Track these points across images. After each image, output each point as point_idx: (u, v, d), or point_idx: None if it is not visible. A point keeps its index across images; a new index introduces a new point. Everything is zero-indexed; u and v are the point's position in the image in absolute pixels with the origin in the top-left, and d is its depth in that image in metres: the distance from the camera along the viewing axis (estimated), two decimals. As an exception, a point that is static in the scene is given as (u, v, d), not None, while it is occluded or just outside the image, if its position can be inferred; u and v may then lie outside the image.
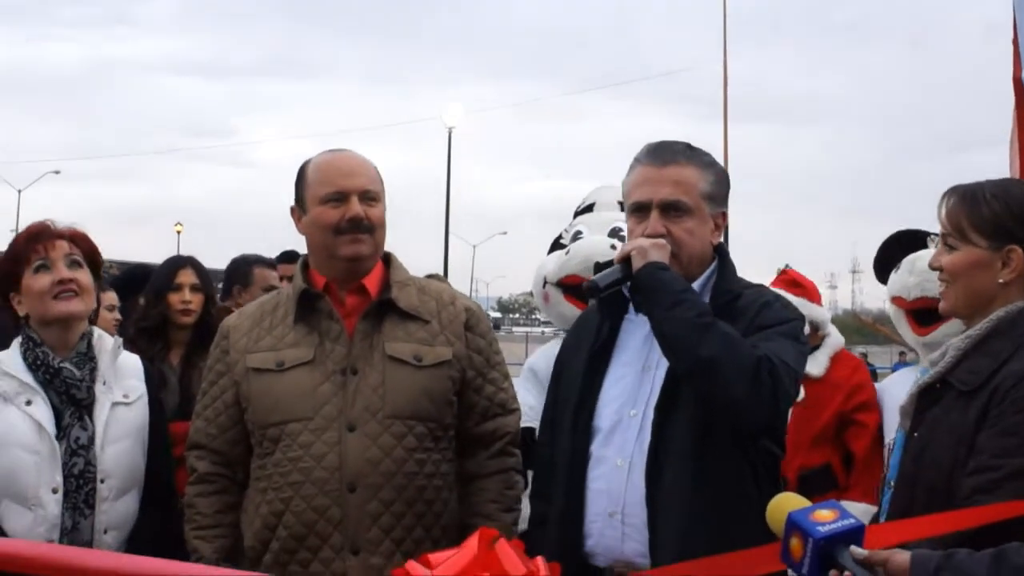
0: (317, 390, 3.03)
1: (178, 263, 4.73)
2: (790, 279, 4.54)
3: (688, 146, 2.98)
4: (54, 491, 3.07)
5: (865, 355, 36.89)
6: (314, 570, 2.98)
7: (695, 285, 2.90)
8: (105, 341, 3.29)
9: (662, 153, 2.94)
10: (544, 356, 4.22)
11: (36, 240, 3.19)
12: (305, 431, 3.00)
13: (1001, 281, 2.58)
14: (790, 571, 2.23)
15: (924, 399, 2.67)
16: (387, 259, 3.24)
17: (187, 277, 4.63)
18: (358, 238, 3.08)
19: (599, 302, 2.99)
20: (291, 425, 3.02)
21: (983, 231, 2.59)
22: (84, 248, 3.26)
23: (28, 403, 3.12)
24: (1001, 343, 2.54)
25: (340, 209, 3.07)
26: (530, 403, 3.96)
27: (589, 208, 4.41)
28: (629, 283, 2.87)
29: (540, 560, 2.51)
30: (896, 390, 4.09)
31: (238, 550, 3.12)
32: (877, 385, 4.25)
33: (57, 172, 50.33)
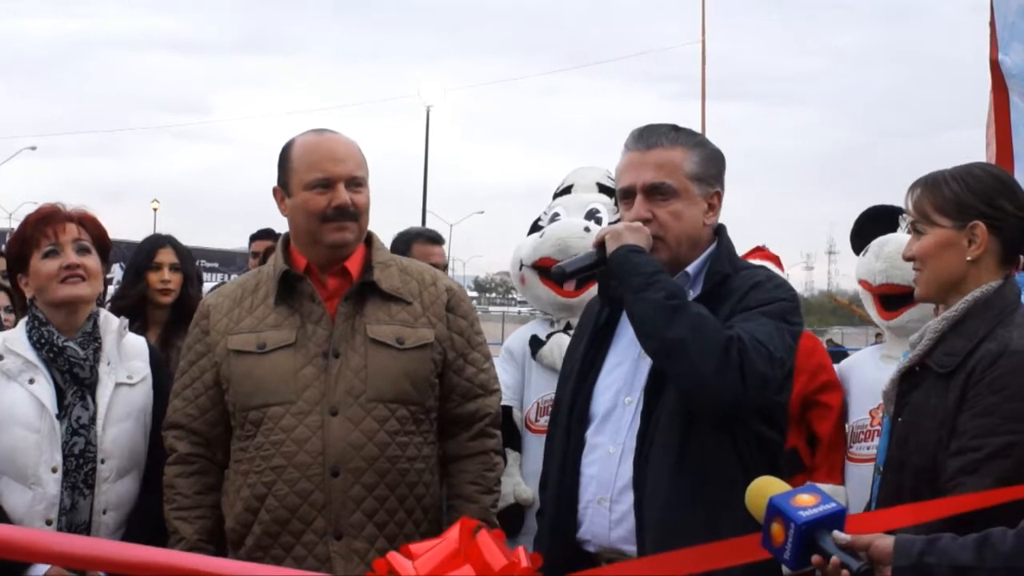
0: (299, 373, 3.02)
1: (157, 242, 4.71)
2: (771, 256, 4.54)
3: (674, 127, 2.95)
4: (53, 470, 3.09)
5: (835, 337, 37.05)
6: (297, 554, 2.98)
7: (690, 269, 2.90)
8: (111, 322, 3.32)
9: (647, 137, 2.91)
10: (519, 338, 4.25)
11: (46, 223, 3.22)
12: (287, 415, 3.00)
13: (969, 259, 2.61)
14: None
15: (905, 383, 2.70)
16: (368, 239, 3.22)
17: (166, 256, 4.63)
18: (344, 225, 3.07)
19: (599, 291, 2.99)
20: (273, 408, 3.02)
21: (946, 211, 2.63)
22: (93, 232, 3.29)
23: (31, 381, 3.14)
24: (976, 323, 2.57)
25: (327, 196, 3.06)
26: (507, 382, 3.99)
27: (567, 190, 4.42)
28: (603, 267, 2.86)
29: (521, 550, 2.53)
30: (857, 370, 4.13)
31: (219, 531, 3.13)
32: (839, 365, 4.26)
33: (33, 148, 49.85)
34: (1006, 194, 2.62)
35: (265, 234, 6.84)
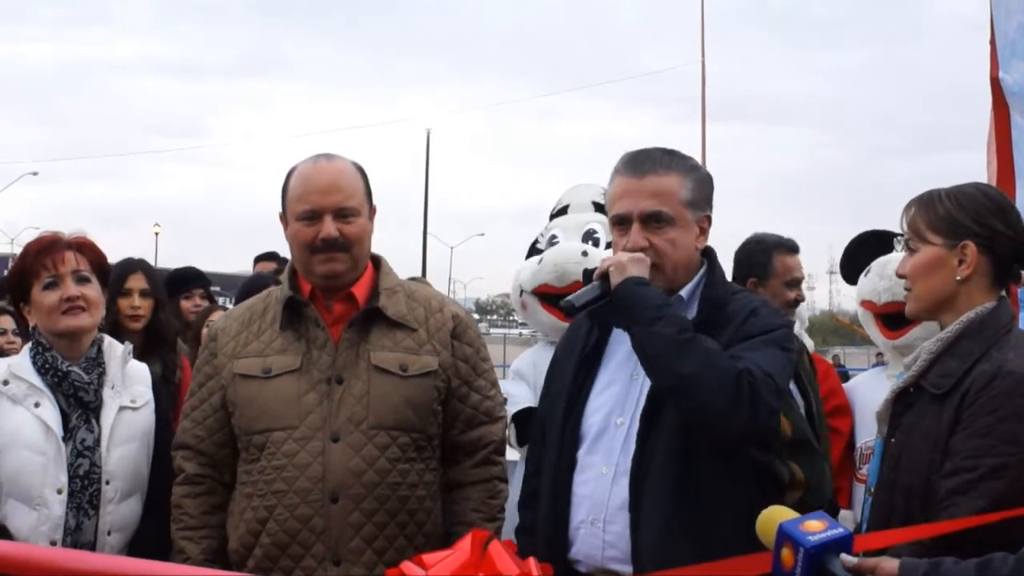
0: (302, 399, 3.03)
1: (128, 267, 4.72)
2: None
3: (666, 152, 2.94)
4: (59, 491, 3.12)
5: (839, 356, 37.06)
6: None
7: (683, 292, 2.91)
8: (115, 348, 3.36)
9: (640, 163, 2.90)
10: (529, 360, 4.26)
11: (45, 254, 3.25)
12: (289, 440, 3.01)
13: (959, 278, 2.61)
14: None
15: (899, 404, 2.70)
16: (377, 263, 3.22)
17: (136, 282, 4.65)
18: (333, 256, 3.07)
19: (588, 312, 2.96)
20: (276, 433, 3.03)
21: (938, 229, 2.64)
22: (92, 259, 3.32)
23: (36, 405, 3.18)
24: (971, 344, 2.56)
25: (314, 227, 3.07)
26: (523, 395, 3.99)
27: (564, 211, 4.43)
28: (607, 299, 2.84)
29: (532, 561, 2.54)
30: (863, 390, 4.12)
31: (224, 552, 3.14)
32: (845, 386, 4.27)
33: (35, 174, 49.97)
34: (998, 214, 2.62)
35: (269, 257, 6.86)
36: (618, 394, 2.90)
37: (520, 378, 4.22)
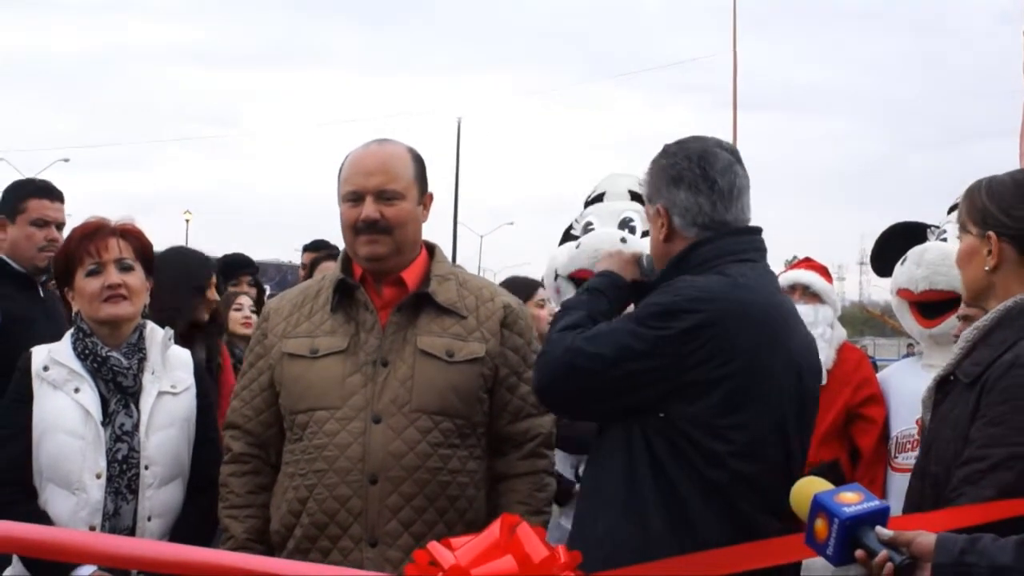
0: (347, 380, 3.05)
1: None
2: (820, 266, 4.52)
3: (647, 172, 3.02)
4: (97, 476, 3.14)
5: (867, 348, 36.87)
6: (333, 559, 2.99)
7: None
8: (156, 333, 3.37)
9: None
10: None
11: (89, 240, 3.27)
12: (332, 420, 3.03)
13: (987, 268, 2.61)
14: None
15: (939, 392, 2.70)
16: (431, 251, 3.24)
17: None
18: (374, 239, 3.08)
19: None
20: (319, 413, 3.05)
21: (975, 220, 2.64)
22: (136, 246, 3.34)
23: (76, 390, 3.20)
24: (1004, 334, 2.55)
25: (357, 209, 3.09)
26: None
27: (599, 198, 4.41)
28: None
29: (561, 547, 2.56)
30: (897, 380, 4.10)
31: (268, 532, 3.16)
32: (879, 376, 4.25)
33: (66, 160, 50.27)
34: None
35: (315, 246, 6.89)
36: None
37: None
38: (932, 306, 3.94)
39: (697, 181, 2.81)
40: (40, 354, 3.27)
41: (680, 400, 2.67)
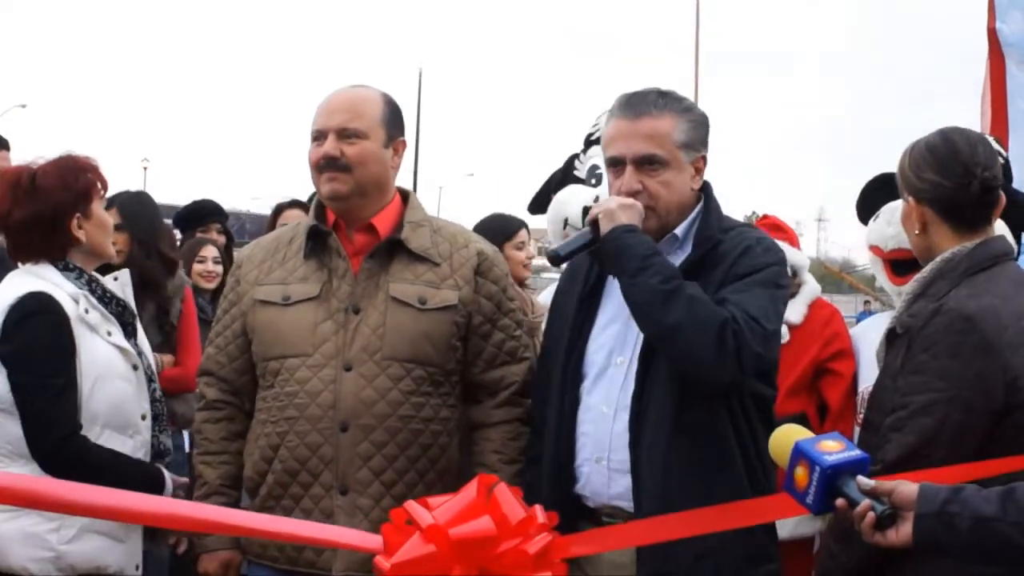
0: (319, 327, 3.04)
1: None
2: (771, 223, 4.53)
3: (661, 94, 2.94)
4: (143, 417, 3.16)
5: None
6: (304, 506, 3.02)
7: (679, 230, 2.93)
8: (124, 275, 3.30)
9: (635, 105, 2.90)
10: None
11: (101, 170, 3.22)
12: (303, 367, 3.03)
13: (916, 232, 2.73)
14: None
15: (888, 344, 2.77)
16: (405, 197, 3.22)
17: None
18: (334, 176, 3.05)
19: (589, 251, 2.97)
20: (290, 360, 3.05)
21: (903, 185, 2.78)
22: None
23: (109, 333, 3.12)
24: (939, 285, 2.64)
25: (320, 147, 3.08)
26: None
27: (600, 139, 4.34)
28: (596, 246, 2.86)
29: (538, 507, 2.58)
30: (871, 336, 4.15)
31: (242, 478, 3.18)
32: (852, 331, 4.29)
33: (23, 106, 49.29)
34: (935, 166, 2.68)
35: (292, 204, 6.76)
36: (618, 333, 2.92)
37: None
38: (902, 264, 3.97)
39: None
40: (65, 297, 3.03)
41: None
